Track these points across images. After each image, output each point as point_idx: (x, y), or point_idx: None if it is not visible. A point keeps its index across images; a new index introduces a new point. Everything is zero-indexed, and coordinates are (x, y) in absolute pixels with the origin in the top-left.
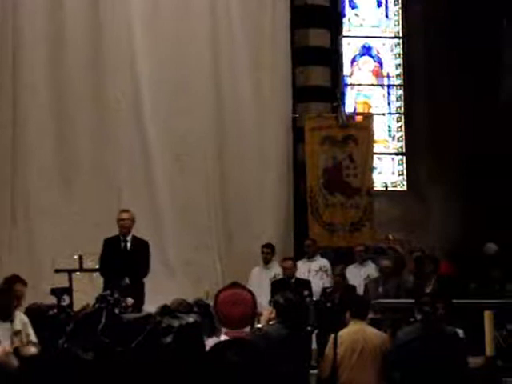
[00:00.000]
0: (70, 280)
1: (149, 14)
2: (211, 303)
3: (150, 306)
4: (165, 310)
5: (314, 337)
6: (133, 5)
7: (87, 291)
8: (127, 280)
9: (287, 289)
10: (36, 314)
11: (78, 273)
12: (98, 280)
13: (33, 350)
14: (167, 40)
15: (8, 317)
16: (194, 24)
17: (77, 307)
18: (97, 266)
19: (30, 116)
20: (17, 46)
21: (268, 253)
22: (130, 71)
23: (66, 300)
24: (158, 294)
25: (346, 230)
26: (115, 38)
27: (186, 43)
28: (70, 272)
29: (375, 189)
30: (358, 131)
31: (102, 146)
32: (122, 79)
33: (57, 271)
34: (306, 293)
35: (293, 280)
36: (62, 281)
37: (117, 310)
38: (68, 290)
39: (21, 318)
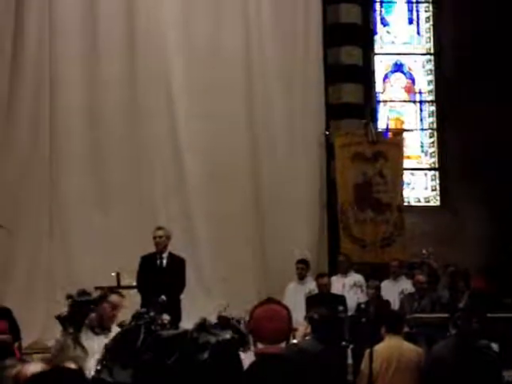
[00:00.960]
0: None
1: (182, 34)
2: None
3: (187, 323)
4: (201, 327)
5: (349, 352)
6: (168, 32)
7: (125, 308)
8: (164, 297)
9: (322, 304)
10: None
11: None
12: (136, 297)
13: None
14: (201, 63)
15: (104, 330)
16: (226, 44)
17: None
18: (134, 283)
19: (66, 138)
20: (54, 68)
21: (302, 268)
22: (165, 96)
23: None
24: (194, 310)
25: (377, 245)
26: (150, 69)
27: (219, 65)
28: (107, 289)
29: (408, 204)
30: (389, 148)
31: (137, 166)
32: (158, 104)
33: (95, 288)
34: (340, 308)
35: (327, 295)
36: None
37: (153, 327)
38: None
39: (117, 331)
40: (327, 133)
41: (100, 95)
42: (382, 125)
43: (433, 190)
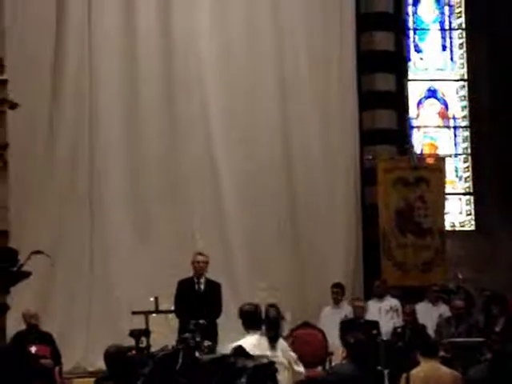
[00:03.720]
0: (147, 322)
1: (219, 60)
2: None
3: (224, 348)
4: (239, 351)
5: (385, 376)
6: (203, 53)
7: (163, 333)
8: (203, 321)
9: (356, 329)
10: (115, 355)
11: (154, 314)
12: (174, 321)
13: None
14: (236, 90)
15: None
16: (261, 73)
17: (154, 349)
18: (172, 308)
19: (106, 168)
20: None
21: (338, 292)
22: (202, 123)
23: (143, 342)
24: (231, 335)
25: (418, 270)
26: (187, 92)
27: (255, 94)
28: (146, 314)
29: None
30: (430, 173)
31: (175, 193)
32: (196, 131)
33: (134, 313)
34: (374, 332)
35: (362, 320)
36: (138, 321)
37: (198, 353)
38: (146, 332)
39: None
40: (370, 157)
41: (138, 127)
42: (416, 150)
43: (468, 215)
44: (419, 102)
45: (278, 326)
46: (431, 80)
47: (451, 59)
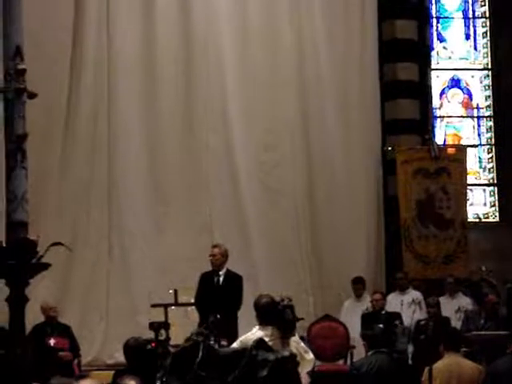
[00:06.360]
0: (166, 314)
1: (239, 58)
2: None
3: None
4: (260, 344)
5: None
6: (224, 43)
7: (183, 325)
8: (218, 316)
9: (377, 321)
10: (134, 347)
11: (173, 307)
12: (194, 314)
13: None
14: (256, 84)
15: None
16: (281, 62)
17: (173, 342)
18: (192, 300)
19: (124, 158)
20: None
21: (359, 287)
22: (221, 118)
23: (163, 334)
24: (252, 328)
25: (440, 262)
26: (206, 78)
27: (274, 85)
28: (165, 306)
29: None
30: (451, 163)
31: (194, 185)
32: (213, 118)
33: (153, 306)
34: (397, 322)
35: (382, 312)
36: (157, 314)
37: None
38: (165, 325)
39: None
40: (389, 148)
41: (157, 114)
42: (439, 140)
43: (492, 206)
44: (442, 92)
45: (293, 328)
46: (454, 69)
47: (475, 48)
